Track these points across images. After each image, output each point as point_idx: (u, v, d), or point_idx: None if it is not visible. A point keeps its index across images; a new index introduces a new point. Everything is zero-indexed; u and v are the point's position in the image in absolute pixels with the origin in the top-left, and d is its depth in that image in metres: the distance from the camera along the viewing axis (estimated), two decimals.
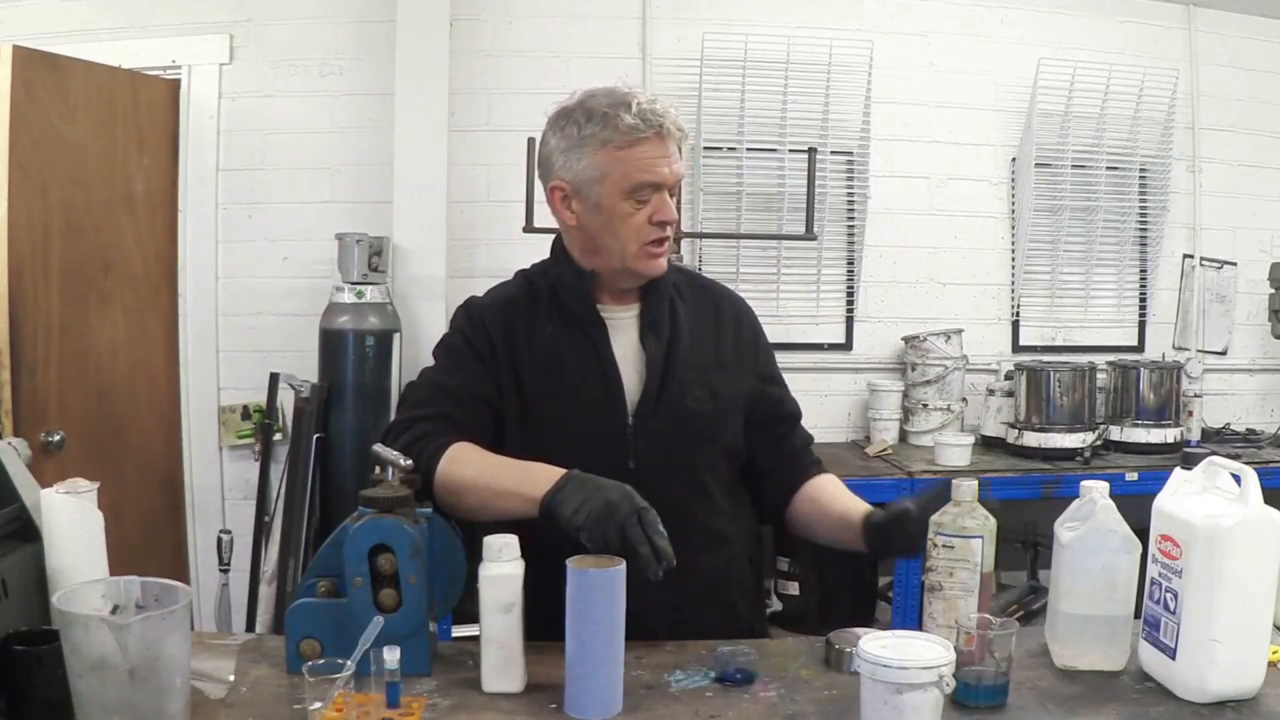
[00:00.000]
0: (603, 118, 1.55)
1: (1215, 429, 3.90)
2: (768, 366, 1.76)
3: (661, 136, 1.57)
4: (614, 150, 1.56)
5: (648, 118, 1.55)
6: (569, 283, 1.65)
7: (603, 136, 1.56)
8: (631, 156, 1.56)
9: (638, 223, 1.58)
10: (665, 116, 1.57)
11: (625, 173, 1.56)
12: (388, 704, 1.28)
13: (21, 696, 1.21)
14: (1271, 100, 4.05)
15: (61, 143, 3.09)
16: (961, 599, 1.45)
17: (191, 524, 3.67)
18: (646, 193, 1.57)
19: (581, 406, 1.60)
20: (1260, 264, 3.96)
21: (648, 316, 1.65)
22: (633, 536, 1.34)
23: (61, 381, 3.09)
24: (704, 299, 1.72)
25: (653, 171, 1.57)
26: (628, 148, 1.56)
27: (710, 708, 1.35)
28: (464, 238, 3.68)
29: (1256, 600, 1.34)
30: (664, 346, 1.63)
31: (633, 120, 1.54)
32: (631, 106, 1.55)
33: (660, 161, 1.57)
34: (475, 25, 3.69)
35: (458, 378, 1.63)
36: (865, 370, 3.92)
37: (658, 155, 1.57)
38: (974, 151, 3.95)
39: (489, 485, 1.51)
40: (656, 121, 1.55)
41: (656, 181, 1.57)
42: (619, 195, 1.57)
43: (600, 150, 1.56)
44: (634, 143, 1.55)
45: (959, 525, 1.46)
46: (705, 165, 3.78)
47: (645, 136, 1.55)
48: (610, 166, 1.56)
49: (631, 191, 1.57)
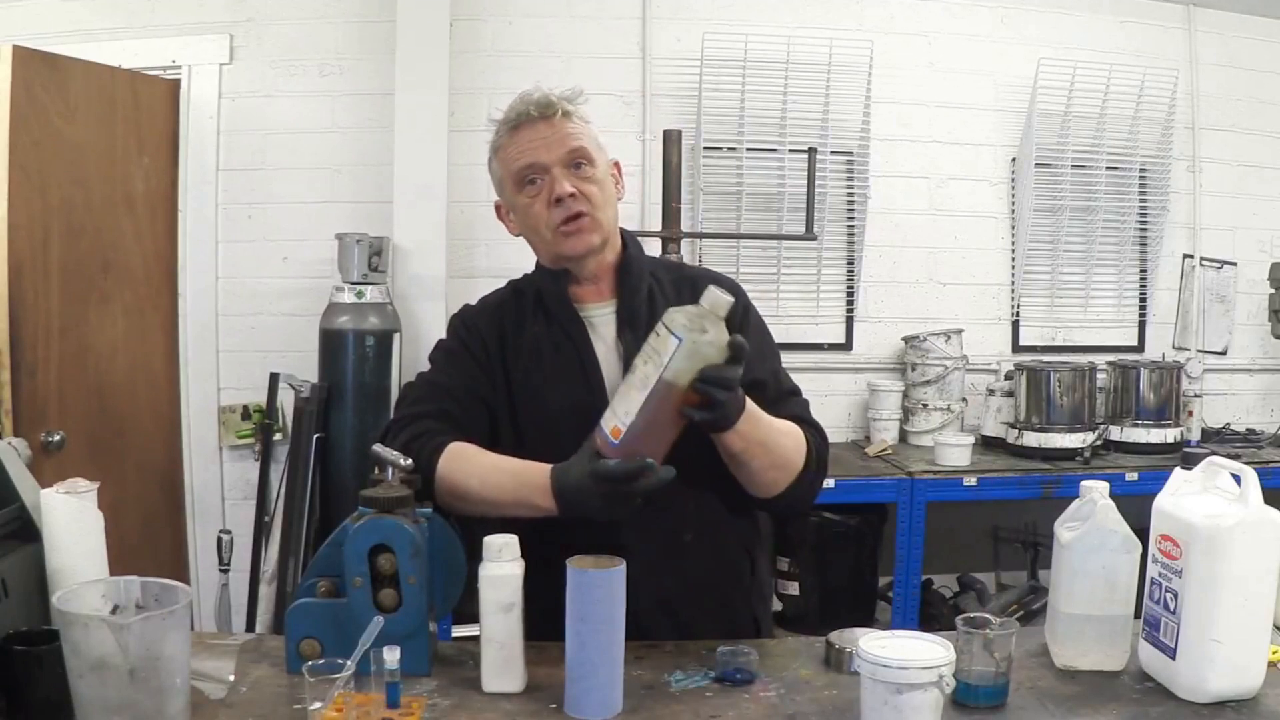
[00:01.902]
0: (494, 125, 1.64)
1: (1215, 429, 3.90)
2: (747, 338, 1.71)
3: (534, 119, 1.59)
4: (499, 153, 1.63)
5: (514, 107, 1.60)
6: (547, 285, 1.68)
7: (494, 142, 1.64)
8: (510, 149, 1.61)
9: (538, 208, 1.60)
10: (529, 102, 1.59)
11: (507, 168, 1.62)
12: (388, 704, 1.28)
13: (21, 696, 1.22)
14: (1271, 100, 4.06)
15: (61, 143, 3.09)
16: (634, 389, 1.35)
17: (191, 524, 3.67)
18: (533, 174, 1.59)
19: (565, 405, 1.60)
20: (1260, 264, 3.96)
21: (625, 311, 1.65)
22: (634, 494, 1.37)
23: (61, 381, 3.09)
24: (685, 288, 1.69)
25: (524, 155, 1.59)
26: (505, 145, 1.62)
27: (710, 708, 1.35)
28: (464, 238, 3.68)
29: (1256, 600, 1.34)
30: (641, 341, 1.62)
31: (503, 118, 1.61)
32: (513, 108, 1.61)
33: (534, 143, 1.58)
34: (475, 25, 3.69)
35: (454, 377, 1.65)
36: (865, 370, 3.93)
37: (530, 138, 1.59)
38: (974, 151, 3.95)
39: (489, 491, 1.52)
40: (520, 109, 1.59)
41: (530, 163, 1.59)
42: (515, 190, 1.62)
43: (494, 157, 1.65)
44: (510, 134, 1.60)
45: (673, 317, 1.34)
46: (705, 165, 3.78)
47: (515, 126, 1.60)
48: (501, 166, 1.64)
49: (520, 183, 1.60)
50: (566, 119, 1.61)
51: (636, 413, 1.35)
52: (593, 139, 1.63)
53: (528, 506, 1.48)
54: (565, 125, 1.60)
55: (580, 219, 1.59)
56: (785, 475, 1.58)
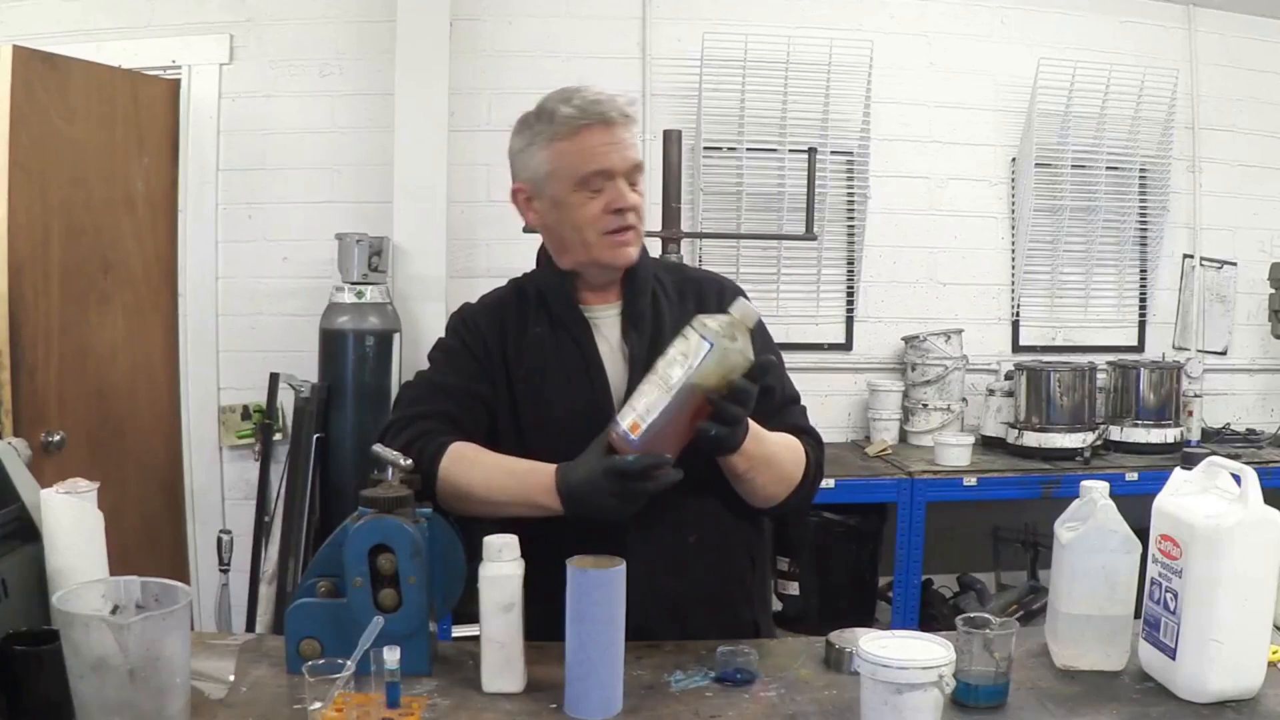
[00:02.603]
0: (547, 114, 1.57)
1: (1215, 429, 3.90)
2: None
3: (606, 124, 1.56)
4: (559, 143, 1.57)
5: (587, 108, 1.55)
6: (552, 285, 1.66)
7: (548, 132, 1.57)
8: (575, 148, 1.56)
9: (592, 212, 1.58)
10: (606, 104, 1.56)
11: (571, 165, 1.57)
12: (388, 704, 1.28)
13: (21, 696, 1.21)
14: (1271, 100, 4.06)
15: (61, 143, 3.09)
16: (656, 390, 1.36)
17: (191, 524, 3.67)
18: (597, 181, 1.57)
19: (568, 406, 1.60)
20: (1260, 264, 3.96)
21: (630, 312, 1.65)
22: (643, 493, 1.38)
23: (61, 381, 3.09)
24: (688, 290, 1.70)
25: (598, 159, 1.56)
26: (570, 138, 1.56)
27: (710, 708, 1.35)
28: (464, 238, 3.68)
29: (1256, 600, 1.34)
30: (647, 342, 1.62)
31: (570, 110, 1.55)
32: (573, 99, 1.56)
33: (606, 148, 1.56)
34: (475, 25, 3.69)
35: (454, 377, 1.64)
36: (865, 370, 3.93)
37: (602, 142, 1.56)
38: (974, 151, 3.95)
39: (492, 495, 1.52)
40: (595, 110, 1.55)
41: (603, 168, 1.56)
42: (570, 187, 1.58)
43: (547, 146, 1.58)
44: (576, 132, 1.55)
45: (704, 322, 1.36)
46: (705, 165, 3.78)
47: (587, 125, 1.55)
48: (557, 160, 1.57)
49: (581, 182, 1.57)
50: (630, 127, 1.60)
51: (659, 412, 1.35)
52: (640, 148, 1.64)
53: (531, 506, 1.48)
54: (629, 134, 1.60)
55: (628, 231, 1.60)
56: (785, 489, 1.60)
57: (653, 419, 1.36)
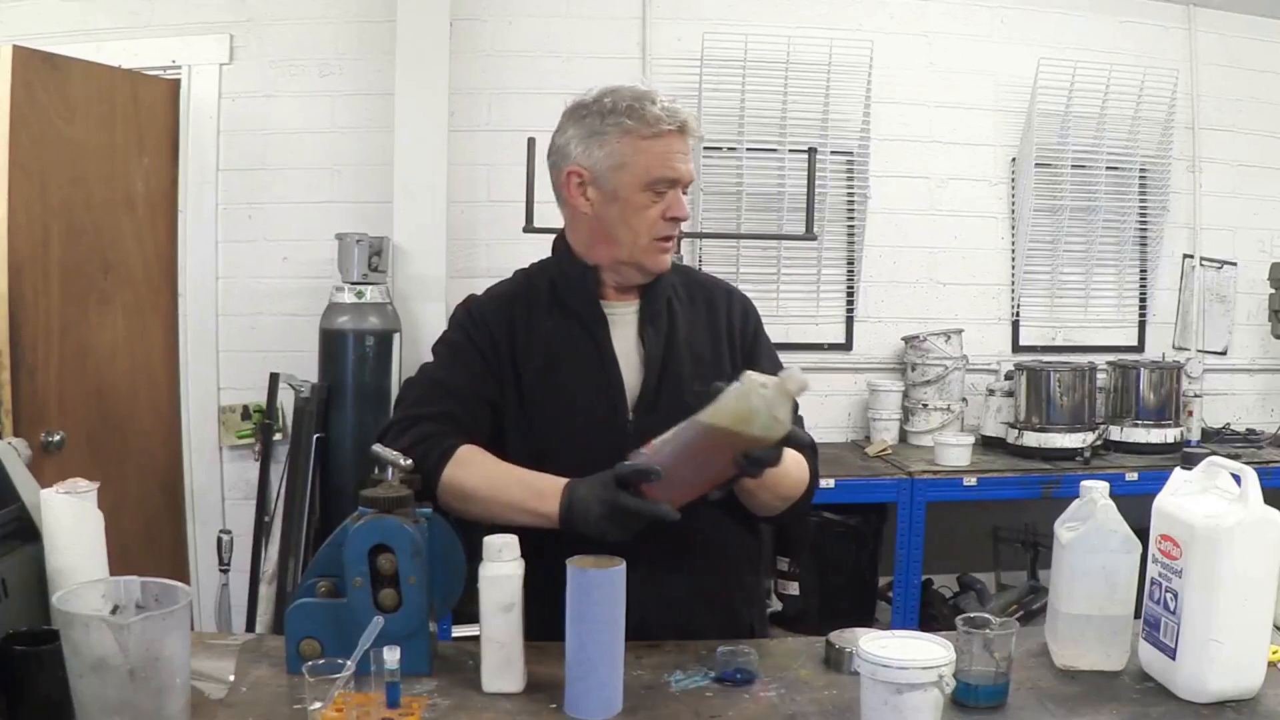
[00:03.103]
0: (628, 109, 1.57)
1: (1215, 429, 3.90)
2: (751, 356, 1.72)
3: (683, 133, 1.59)
4: (637, 140, 1.57)
5: (673, 113, 1.58)
6: (572, 277, 1.65)
7: (627, 125, 1.57)
8: (654, 148, 1.57)
9: (652, 216, 1.60)
10: (686, 115, 1.59)
11: (646, 164, 1.58)
12: (388, 704, 1.28)
13: (21, 696, 1.22)
14: (1271, 100, 4.05)
15: (61, 143, 3.09)
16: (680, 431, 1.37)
17: (191, 524, 3.67)
18: (663, 186, 1.59)
19: (581, 401, 1.60)
20: (1260, 264, 3.96)
21: (648, 311, 1.65)
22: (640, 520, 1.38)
23: (61, 381, 3.09)
24: (700, 296, 1.72)
25: (672, 166, 1.59)
26: (651, 139, 1.57)
27: (710, 708, 1.35)
28: (464, 238, 3.68)
29: (1256, 600, 1.34)
30: (663, 342, 1.63)
31: (659, 112, 1.57)
32: (656, 101, 1.58)
33: (680, 157, 1.59)
34: (475, 25, 3.69)
35: (459, 375, 1.63)
36: (865, 370, 3.92)
37: (678, 151, 1.59)
38: (974, 151, 3.95)
39: (497, 499, 1.52)
40: (680, 118, 1.58)
41: (675, 177, 1.59)
42: (637, 186, 1.59)
43: (623, 139, 1.57)
44: (657, 135, 1.57)
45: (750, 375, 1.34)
46: (705, 165, 3.78)
47: (668, 130, 1.57)
48: (632, 156, 1.58)
49: (650, 184, 1.58)
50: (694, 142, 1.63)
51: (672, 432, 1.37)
52: None
53: (534, 516, 1.48)
54: (689, 147, 1.62)
55: (672, 240, 1.63)
56: (788, 503, 1.63)
57: (665, 437, 1.37)
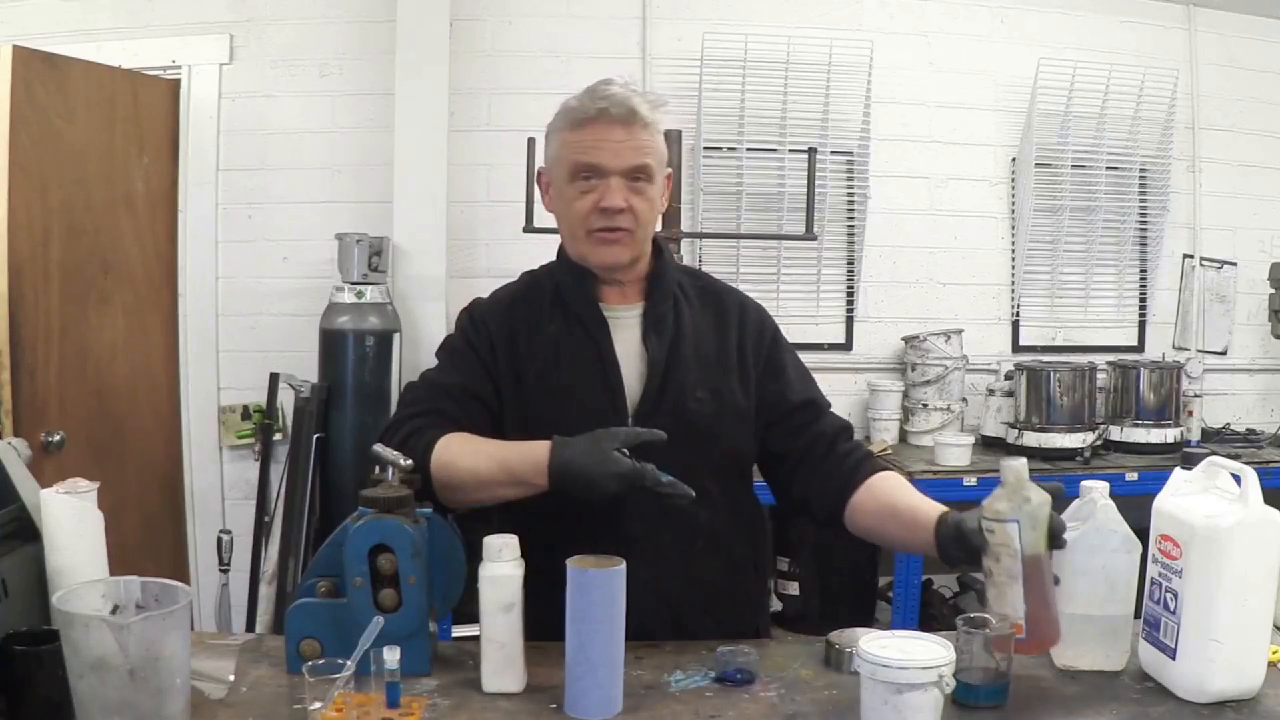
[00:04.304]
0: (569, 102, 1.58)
1: (1215, 429, 3.90)
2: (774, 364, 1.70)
3: (611, 120, 1.53)
4: (564, 133, 1.58)
5: (593, 102, 1.54)
6: (571, 281, 1.64)
7: (559, 122, 1.59)
8: (574, 138, 1.56)
9: (581, 208, 1.57)
10: (614, 100, 1.53)
11: (567, 154, 1.57)
12: (388, 704, 1.28)
13: (21, 696, 1.21)
14: (1271, 100, 4.06)
15: (61, 143, 3.09)
16: (1008, 586, 1.37)
17: (191, 524, 3.67)
18: (587, 174, 1.56)
19: (581, 405, 1.59)
20: (1260, 264, 3.96)
21: (651, 315, 1.63)
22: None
23: (61, 381, 3.09)
24: (709, 300, 1.70)
25: (588, 153, 1.54)
26: (573, 129, 1.56)
27: (710, 708, 1.35)
28: (464, 238, 3.68)
29: (1256, 600, 1.34)
30: (666, 346, 1.61)
31: (578, 104, 1.55)
32: (593, 93, 1.55)
33: (601, 144, 1.54)
34: (475, 25, 3.69)
35: (455, 376, 1.64)
36: (865, 370, 3.93)
37: (600, 138, 1.54)
38: (974, 151, 3.95)
39: (483, 474, 1.51)
40: (600, 105, 1.53)
41: (592, 163, 1.54)
42: (565, 177, 1.58)
43: (557, 134, 1.60)
44: (578, 124, 1.55)
45: (995, 509, 1.38)
46: (705, 165, 3.78)
47: (589, 118, 1.54)
48: (560, 149, 1.59)
49: (573, 173, 1.57)
50: (644, 129, 1.56)
51: (1023, 601, 1.37)
52: (660, 153, 1.60)
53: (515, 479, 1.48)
54: (640, 136, 1.56)
55: (617, 232, 1.57)
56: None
57: (1025, 610, 1.37)
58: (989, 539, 1.38)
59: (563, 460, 1.43)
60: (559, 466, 1.43)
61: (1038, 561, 1.37)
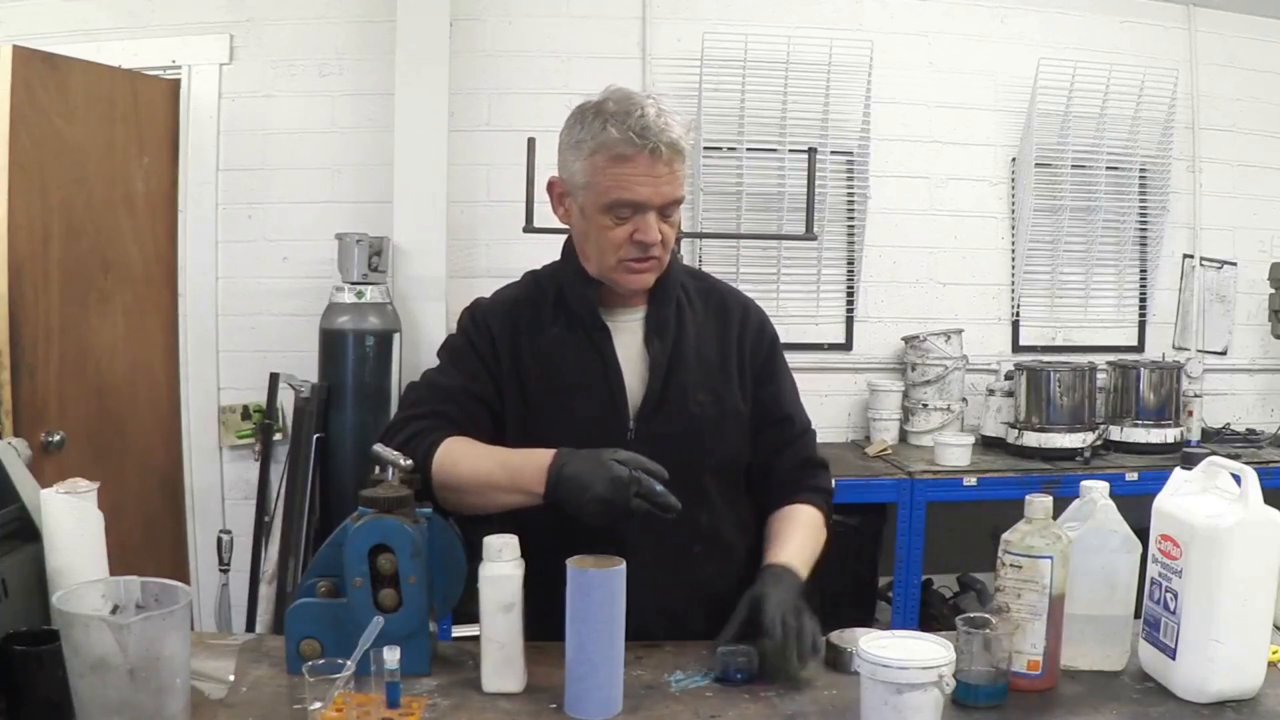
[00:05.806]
0: (601, 126, 1.50)
1: (1215, 429, 3.90)
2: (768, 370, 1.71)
3: (653, 155, 1.49)
4: (599, 161, 1.51)
5: (641, 135, 1.48)
6: (574, 285, 1.64)
7: (592, 145, 1.51)
8: (613, 171, 1.50)
9: (615, 238, 1.54)
10: (658, 135, 1.48)
11: (605, 187, 1.51)
12: (388, 704, 1.28)
13: (21, 696, 1.22)
14: (1271, 100, 4.06)
15: (61, 143, 3.09)
16: (1029, 623, 1.39)
17: (191, 524, 3.67)
18: (625, 211, 1.53)
19: (583, 410, 1.59)
20: (1260, 264, 3.96)
21: (654, 320, 1.63)
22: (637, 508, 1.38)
23: (61, 381, 3.09)
24: (712, 303, 1.70)
25: (632, 191, 1.50)
26: (612, 163, 1.50)
27: (710, 708, 1.35)
28: (464, 238, 3.68)
29: (1256, 600, 1.34)
30: (668, 350, 1.61)
31: (620, 135, 1.48)
32: (629, 119, 1.48)
33: (643, 181, 1.50)
34: (475, 25, 3.69)
35: (455, 377, 1.63)
36: (865, 370, 3.92)
37: (642, 174, 1.50)
38: (974, 151, 3.95)
39: (483, 480, 1.51)
40: (646, 141, 1.48)
41: (635, 201, 1.51)
42: (598, 208, 1.53)
43: (589, 158, 1.52)
44: (618, 159, 1.49)
45: (1026, 544, 1.39)
46: (705, 165, 3.78)
47: (631, 155, 1.49)
48: (594, 177, 1.52)
49: (610, 207, 1.53)
50: (680, 160, 1.53)
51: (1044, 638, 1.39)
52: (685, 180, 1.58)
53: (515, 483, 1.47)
54: (678, 168, 1.53)
55: (648, 262, 1.57)
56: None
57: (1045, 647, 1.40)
58: (1011, 574, 1.40)
59: (562, 464, 1.43)
60: (557, 472, 1.43)
61: (1060, 601, 1.39)
